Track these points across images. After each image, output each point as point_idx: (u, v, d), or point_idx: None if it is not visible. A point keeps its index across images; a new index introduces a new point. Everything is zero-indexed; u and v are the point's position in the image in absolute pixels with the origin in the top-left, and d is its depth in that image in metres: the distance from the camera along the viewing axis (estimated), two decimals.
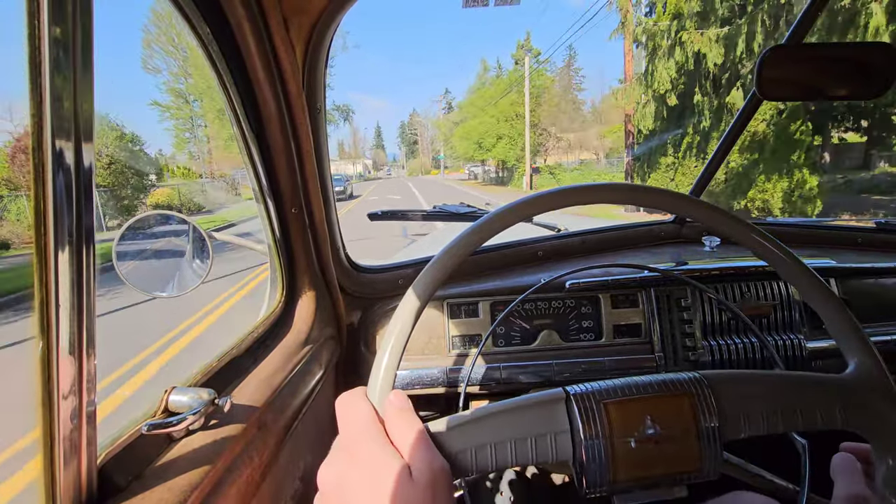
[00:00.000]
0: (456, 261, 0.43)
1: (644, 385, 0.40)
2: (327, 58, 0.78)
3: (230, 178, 26.48)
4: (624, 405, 0.39)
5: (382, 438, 0.35)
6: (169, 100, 31.13)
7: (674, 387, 0.39)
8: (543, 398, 0.40)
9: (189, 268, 0.85)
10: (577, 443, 0.38)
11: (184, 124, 31.72)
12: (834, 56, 0.82)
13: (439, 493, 0.33)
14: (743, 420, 0.38)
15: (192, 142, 32.28)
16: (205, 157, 32.25)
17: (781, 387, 0.40)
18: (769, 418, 0.38)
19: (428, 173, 73.34)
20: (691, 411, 0.38)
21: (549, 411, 0.39)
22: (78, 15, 0.32)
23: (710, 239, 1.21)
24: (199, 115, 31.50)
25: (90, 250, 0.35)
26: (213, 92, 26.37)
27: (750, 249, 0.44)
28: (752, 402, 0.39)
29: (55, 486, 0.34)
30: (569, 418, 0.38)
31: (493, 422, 0.38)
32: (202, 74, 26.81)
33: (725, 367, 0.98)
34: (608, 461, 0.37)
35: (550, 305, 1.02)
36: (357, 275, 1.03)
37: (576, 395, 0.39)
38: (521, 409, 0.39)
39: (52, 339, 0.33)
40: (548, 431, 0.38)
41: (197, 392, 0.50)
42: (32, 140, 0.31)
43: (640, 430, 0.38)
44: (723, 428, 0.38)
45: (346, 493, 0.33)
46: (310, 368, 0.77)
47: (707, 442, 0.38)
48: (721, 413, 0.38)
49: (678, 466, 0.38)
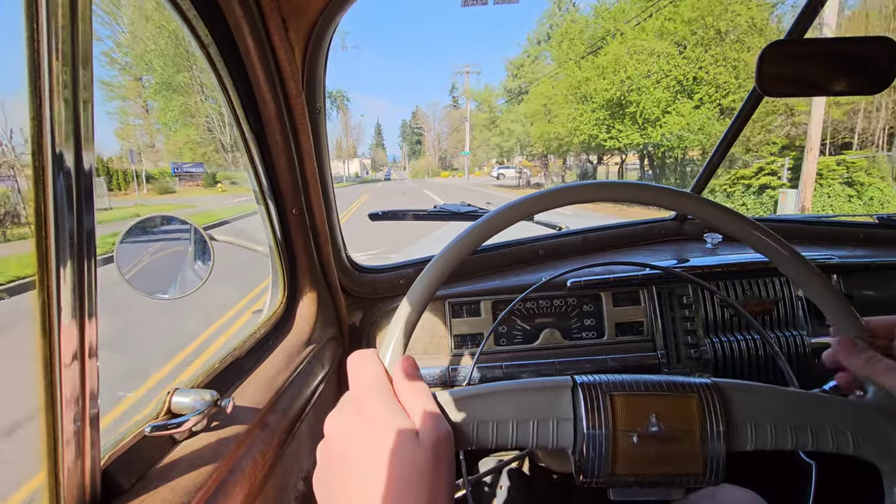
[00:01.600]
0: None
1: (653, 383, 0.40)
2: (326, 58, 0.78)
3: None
4: (630, 400, 0.39)
5: (391, 396, 0.35)
6: (113, 75, 25.52)
7: (683, 388, 0.39)
8: (550, 384, 0.40)
9: (191, 269, 0.86)
10: (579, 431, 0.38)
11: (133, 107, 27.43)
12: (835, 51, 0.82)
13: (441, 457, 0.33)
14: (751, 431, 0.38)
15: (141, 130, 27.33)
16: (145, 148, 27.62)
17: (795, 403, 0.39)
18: (778, 433, 0.38)
19: (436, 175, 64.19)
20: (698, 414, 0.38)
21: (554, 397, 0.39)
22: (77, 15, 0.32)
23: (712, 236, 1.21)
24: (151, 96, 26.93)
25: (91, 252, 0.35)
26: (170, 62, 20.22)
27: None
28: (763, 415, 0.38)
29: (59, 488, 0.34)
30: (573, 406, 0.39)
31: (499, 400, 0.39)
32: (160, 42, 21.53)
33: (728, 363, 0.97)
34: (608, 453, 0.37)
35: (552, 304, 1.02)
36: (358, 275, 1.03)
37: (583, 385, 0.39)
38: (527, 392, 0.39)
39: (54, 341, 0.33)
40: (551, 417, 0.38)
41: (199, 393, 0.50)
42: (32, 142, 0.31)
43: (644, 427, 0.37)
44: (729, 436, 0.37)
45: (350, 444, 0.33)
46: (312, 369, 0.77)
47: (711, 447, 0.37)
48: (728, 421, 0.38)
49: (679, 468, 0.37)
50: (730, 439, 0.37)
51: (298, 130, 0.75)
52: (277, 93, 0.69)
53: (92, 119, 0.34)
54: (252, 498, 0.51)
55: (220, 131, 25.10)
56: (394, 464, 0.31)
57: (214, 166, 27.81)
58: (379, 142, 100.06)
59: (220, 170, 27.70)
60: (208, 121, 26.04)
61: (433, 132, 77.10)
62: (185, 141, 27.01)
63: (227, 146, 24.82)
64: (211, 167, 27.89)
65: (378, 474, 0.31)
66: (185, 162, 27.78)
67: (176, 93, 25.22)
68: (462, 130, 60.17)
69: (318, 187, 0.82)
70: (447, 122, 72.53)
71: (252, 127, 0.70)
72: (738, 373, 0.98)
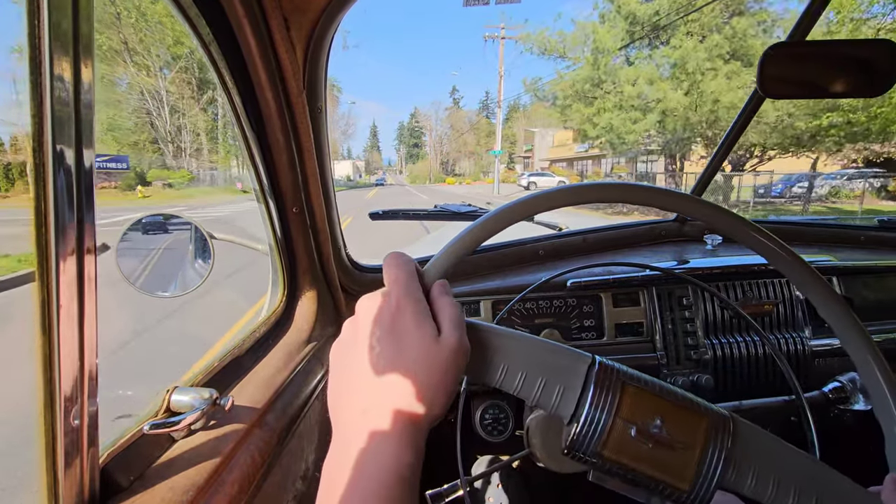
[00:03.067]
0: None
1: (670, 391, 0.39)
2: (328, 57, 0.78)
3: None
4: (642, 394, 0.38)
5: (422, 297, 0.37)
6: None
7: (698, 406, 0.39)
8: (572, 353, 0.40)
9: (191, 268, 0.86)
10: (582, 404, 0.38)
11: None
12: (836, 53, 0.81)
13: (451, 368, 0.34)
14: (752, 477, 0.36)
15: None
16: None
17: (810, 469, 0.37)
18: (780, 491, 0.36)
19: (439, 181, 55.13)
20: (704, 435, 0.37)
21: (571, 365, 0.39)
22: (78, 14, 0.32)
23: (712, 237, 1.21)
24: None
25: (92, 249, 0.35)
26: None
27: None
28: (770, 467, 0.37)
29: (57, 486, 0.34)
30: (584, 380, 0.39)
31: (520, 346, 0.39)
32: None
33: (728, 365, 0.97)
34: (602, 434, 0.37)
35: (552, 304, 1.02)
36: (358, 274, 1.03)
37: (601, 364, 0.39)
38: (548, 350, 0.40)
39: (53, 338, 0.33)
40: (561, 382, 0.39)
41: (198, 392, 0.50)
42: (33, 141, 0.31)
43: (646, 424, 0.37)
44: (726, 471, 0.36)
45: (375, 325, 0.34)
46: (311, 368, 0.77)
47: (706, 472, 0.36)
48: (732, 456, 0.37)
49: (667, 476, 0.37)
50: (727, 474, 0.36)
51: (299, 129, 0.75)
52: (278, 92, 0.69)
53: (92, 116, 0.35)
54: (251, 496, 0.51)
55: (158, 114, 18.88)
56: (408, 355, 0.33)
57: (157, 161, 19.00)
58: (374, 143, 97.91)
59: (157, 166, 18.84)
60: (142, 101, 18.47)
61: (435, 133, 72.27)
62: (107, 126, 18.03)
63: (168, 133, 18.91)
64: (152, 162, 18.93)
65: (392, 358, 0.33)
66: (100, 154, 22.59)
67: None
68: (481, 131, 54.05)
69: (318, 186, 0.82)
70: (448, 125, 69.19)
71: (253, 126, 0.70)
72: (737, 374, 0.98)
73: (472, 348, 0.37)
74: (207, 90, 19.81)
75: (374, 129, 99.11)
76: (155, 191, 17.00)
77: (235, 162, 21.46)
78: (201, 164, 21.31)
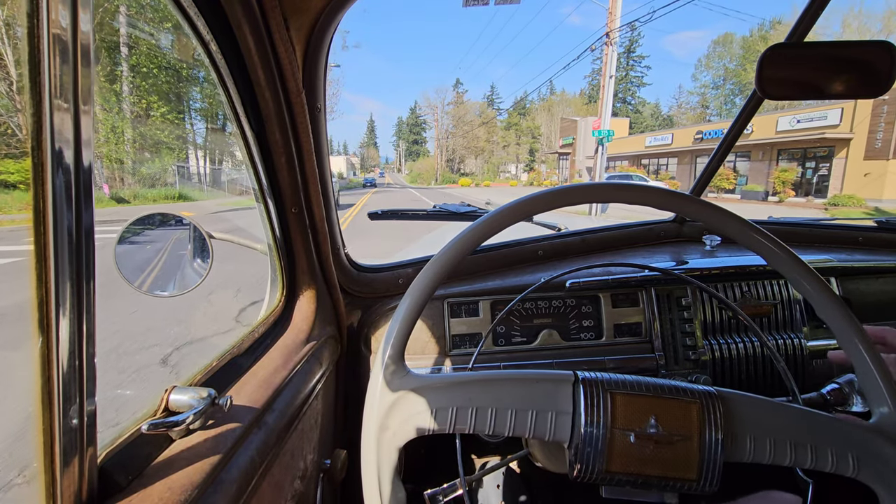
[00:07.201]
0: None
1: (655, 386, 0.40)
2: (327, 57, 0.78)
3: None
4: (631, 399, 0.39)
5: None
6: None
7: (685, 393, 0.39)
8: (552, 376, 0.40)
9: (190, 267, 0.86)
10: (577, 426, 0.38)
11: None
12: (835, 54, 0.82)
13: None
14: (749, 443, 0.37)
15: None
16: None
17: (797, 420, 0.39)
18: (777, 448, 0.37)
19: (449, 182, 45.81)
20: (698, 421, 0.38)
21: (555, 390, 0.39)
22: (78, 14, 0.32)
23: (711, 238, 1.21)
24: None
25: (90, 249, 0.35)
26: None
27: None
28: (763, 428, 0.38)
29: (55, 485, 0.34)
30: (573, 400, 0.39)
31: (499, 387, 0.39)
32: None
33: (726, 365, 0.97)
34: (605, 450, 0.37)
35: (551, 304, 1.02)
36: (357, 274, 1.03)
37: (584, 380, 0.39)
38: (529, 382, 0.39)
39: (51, 337, 0.33)
40: (550, 409, 0.38)
41: (197, 391, 0.50)
42: (32, 140, 0.31)
43: (643, 427, 0.37)
44: (727, 445, 0.37)
45: None
46: (310, 368, 0.77)
47: (709, 455, 0.37)
48: (728, 431, 0.37)
49: (674, 472, 0.37)
50: (728, 449, 0.37)
51: (298, 129, 0.75)
52: (278, 91, 0.69)
53: (92, 116, 0.34)
54: (249, 496, 0.51)
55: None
56: None
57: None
58: (371, 140, 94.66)
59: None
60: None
61: (442, 126, 60.59)
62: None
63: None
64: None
65: None
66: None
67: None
68: (494, 127, 46.42)
69: (317, 186, 0.82)
70: (450, 120, 62.42)
71: (252, 125, 0.70)
72: (735, 375, 0.98)
73: (446, 406, 0.36)
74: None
75: (371, 124, 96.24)
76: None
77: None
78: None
